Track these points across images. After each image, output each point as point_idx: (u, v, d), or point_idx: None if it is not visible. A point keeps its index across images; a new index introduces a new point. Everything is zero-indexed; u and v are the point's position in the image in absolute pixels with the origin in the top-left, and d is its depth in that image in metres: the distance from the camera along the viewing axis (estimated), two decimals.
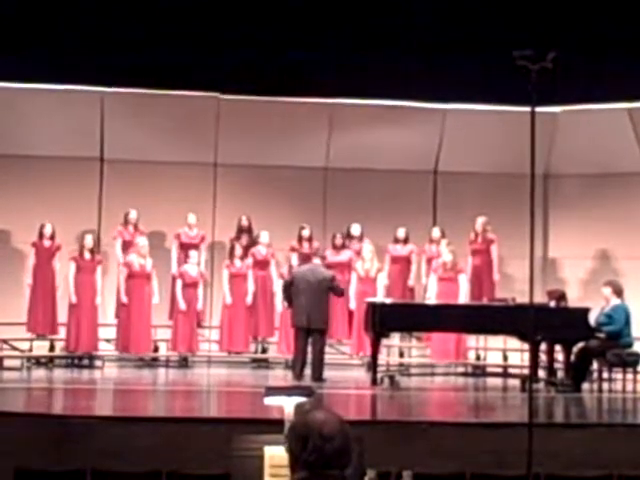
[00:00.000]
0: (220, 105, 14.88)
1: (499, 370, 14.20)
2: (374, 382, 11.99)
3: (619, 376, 12.12)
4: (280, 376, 13.39)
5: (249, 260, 14.34)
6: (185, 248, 14.39)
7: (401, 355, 14.72)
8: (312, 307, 12.21)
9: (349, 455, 3.37)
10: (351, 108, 14.90)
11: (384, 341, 12.94)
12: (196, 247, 14.45)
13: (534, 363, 11.75)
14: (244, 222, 14.64)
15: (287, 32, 14.26)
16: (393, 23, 14.30)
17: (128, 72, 14.02)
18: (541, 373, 12.39)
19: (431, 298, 13.69)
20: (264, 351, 14.69)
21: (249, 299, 14.22)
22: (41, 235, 13.90)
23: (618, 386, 12.05)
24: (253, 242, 14.53)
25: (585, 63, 13.56)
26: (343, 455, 3.34)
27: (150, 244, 14.09)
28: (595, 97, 14.19)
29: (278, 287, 14.04)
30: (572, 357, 12.02)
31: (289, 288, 12.53)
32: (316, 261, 12.78)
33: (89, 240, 13.90)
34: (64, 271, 13.90)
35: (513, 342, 13.36)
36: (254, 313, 14.31)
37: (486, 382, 13.74)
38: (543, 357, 12.51)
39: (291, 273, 13.08)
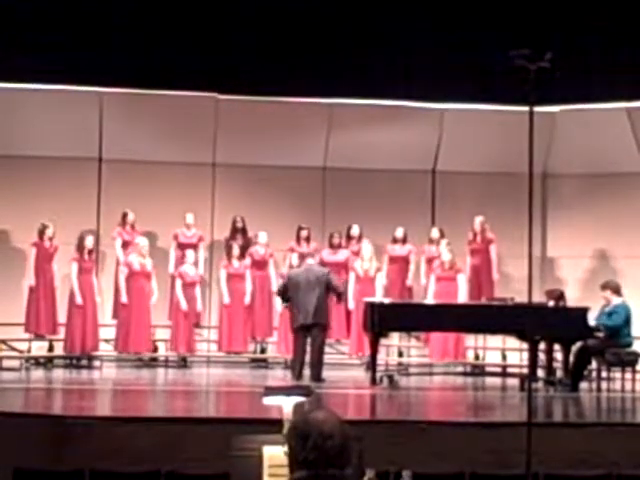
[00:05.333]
0: (218, 105, 14.88)
1: (498, 369, 14.21)
2: (373, 382, 11.99)
3: (618, 375, 12.13)
4: (279, 376, 13.39)
5: (247, 260, 14.35)
6: (183, 248, 14.39)
7: (400, 355, 14.73)
8: (311, 304, 12.20)
9: (349, 455, 3.37)
10: (349, 108, 14.90)
11: (383, 341, 12.94)
12: (194, 247, 14.46)
13: (533, 362, 11.78)
14: (238, 223, 14.64)
15: (285, 32, 14.26)
16: (391, 23, 14.31)
17: (126, 72, 14.02)
18: (540, 372, 12.40)
19: (428, 298, 13.70)
20: (263, 351, 14.69)
21: (247, 299, 14.23)
22: (42, 235, 13.89)
23: (617, 385, 12.06)
24: (248, 242, 14.52)
25: (583, 62, 13.58)
26: (343, 454, 3.34)
27: (148, 244, 14.10)
28: (593, 96, 14.20)
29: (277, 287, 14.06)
30: (571, 356, 12.03)
31: (285, 291, 12.53)
32: (310, 261, 12.75)
33: (90, 241, 13.90)
34: (62, 272, 13.90)
35: (512, 341, 13.36)
36: (252, 313, 14.32)
37: (485, 381, 13.75)
38: (542, 356, 12.51)
39: (285, 276, 13.03)
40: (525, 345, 12.64)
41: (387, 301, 12.95)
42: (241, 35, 14.23)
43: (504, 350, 14.21)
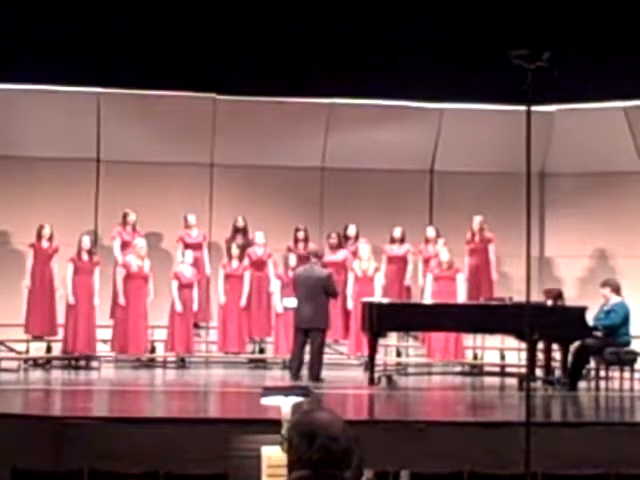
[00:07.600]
0: (216, 105, 14.88)
1: (496, 369, 14.21)
2: (371, 382, 12.00)
3: (616, 374, 12.14)
4: (277, 376, 13.39)
5: (246, 261, 14.34)
6: (189, 249, 14.36)
7: (398, 355, 14.72)
8: (309, 307, 12.24)
9: (352, 457, 3.36)
10: (347, 108, 14.90)
11: (381, 341, 12.94)
12: (200, 247, 14.49)
13: (531, 362, 11.77)
14: (240, 222, 14.64)
15: (284, 32, 14.26)
16: (390, 23, 14.30)
17: (124, 73, 14.01)
18: (538, 372, 12.39)
19: (426, 298, 13.70)
20: (261, 351, 14.68)
21: (243, 300, 14.21)
22: (39, 236, 13.87)
23: (615, 384, 12.07)
24: (248, 243, 14.53)
25: (581, 62, 13.57)
26: (347, 456, 3.33)
27: (147, 245, 14.09)
28: (591, 96, 14.21)
29: (275, 287, 14.06)
30: (569, 356, 12.03)
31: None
32: (313, 260, 12.78)
33: (86, 241, 13.88)
34: (62, 273, 13.89)
35: (510, 341, 13.37)
36: (250, 313, 14.30)
37: (483, 381, 13.75)
38: (540, 356, 12.51)
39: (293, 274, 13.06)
40: (523, 345, 12.62)
41: (385, 301, 12.95)
42: (239, 35, 14.22)
43: (502, 350, 14.22)
